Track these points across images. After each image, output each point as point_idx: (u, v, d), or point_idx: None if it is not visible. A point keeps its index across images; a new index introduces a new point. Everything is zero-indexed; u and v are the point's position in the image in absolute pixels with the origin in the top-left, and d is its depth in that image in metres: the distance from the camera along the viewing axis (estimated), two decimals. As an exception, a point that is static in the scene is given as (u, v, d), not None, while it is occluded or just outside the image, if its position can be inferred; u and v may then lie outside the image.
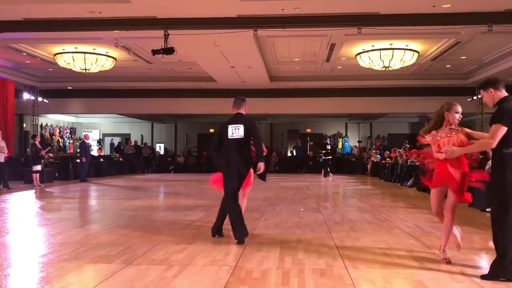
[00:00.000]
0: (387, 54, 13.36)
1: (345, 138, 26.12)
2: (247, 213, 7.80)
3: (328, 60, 14.91)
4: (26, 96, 18.15)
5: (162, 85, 18.72)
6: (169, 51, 10.65)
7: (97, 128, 26.51)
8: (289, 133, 27.37)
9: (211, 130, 27.39)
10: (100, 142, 26.31)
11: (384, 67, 13.91)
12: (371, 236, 5.78)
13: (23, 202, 9.98)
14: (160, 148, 26.39)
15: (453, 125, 4.31)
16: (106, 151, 25.64)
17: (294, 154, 25.40)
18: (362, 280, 3.78)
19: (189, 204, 9.28)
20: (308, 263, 4.35)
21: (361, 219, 7.23)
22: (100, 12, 9.95)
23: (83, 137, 16.81)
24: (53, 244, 5.29)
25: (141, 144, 25.29)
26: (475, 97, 17.54)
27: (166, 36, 10.61)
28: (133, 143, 24.11)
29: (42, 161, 12.96)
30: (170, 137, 27.71)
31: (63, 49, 13.87)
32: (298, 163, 23.33)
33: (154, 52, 10.80)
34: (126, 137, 26.25)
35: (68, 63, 14.37)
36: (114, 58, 14.67)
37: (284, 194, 11.51)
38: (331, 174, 17.29)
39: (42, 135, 20.42)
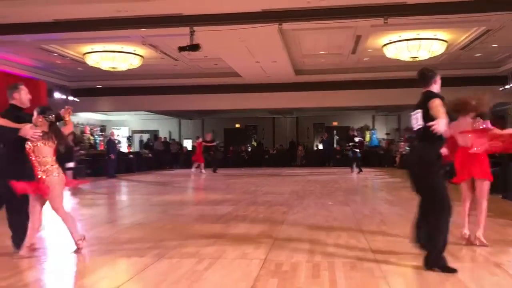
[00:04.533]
0: (414, 45, 13.11)
1: (373, 131, 25.80)
2: (275, 206, 7.86)
3: (354, 52, 14.74)
4: (57, 95, 18.62)
5: (188, 82, 18.90)
6: (195, 47, 10.75)
7: (126, 125, 26.99)
8: (315, 127, 27.24)
9: (237, 125, 27.58)
10: (129, 139, 26.80)
11: (412, 57, 13.66)
12: (402, 229, 5.71)
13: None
14: (188, 144, 26.70)
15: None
16: (136, 147, 26.09)
17: (321, 147, 25.27)
18: (393, 273, 3.76)
19: (217, 198, 9.38)
20: (338, 256, 4.35)
21: (391, 212, 7.16)
22: (127, 11, 10.12)
23: (110, 135, 17.17)
24: (86, 239, 5.44)
25: (169, 140, 25.63)
26: (507, 86, 17.02)
27: (191, 33, 10.71)
28: (161, 139, 24.47)
29: (75, 158, 13.30)
30: (197, 133, 27.98)
31: (92, 49, 14.17)
32: (324, 157, 23.20)
33: (180, 49, 10.92)
34: (154, 134, 26.65)
35: (97, 62, 14.69)
36: (142, 56, 14.89)
37: (311, 188, 11.49)
38: (356, 169, 17.07)
39: (73, 133, 20.91)
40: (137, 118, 26.88)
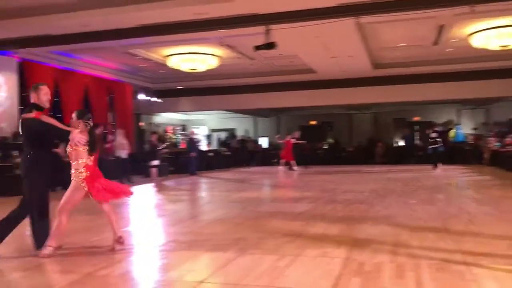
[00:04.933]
0: (506, 32, 12.16)
1: (458, 126, 24.35)
2: (354, 205, 7.71)
3: (436, 43, 13.99)
4: (141, 96, 19.69)
5: (264, 80, 19.08)
6: (270, 46, 10.81)
7: (205, 124, 27.90)
8: (395, 122, 26.26)
9: (312, 122, 27.36)
10: (208, 137, 27.67)
11: (502, 46, 12.69)
12: (493, 229, 5.36)
13: (143, 194, 10.87)
14: (264, 141, 27.00)
15: None
16: (215, 145, 26.87)
17: (402, 144, 24.31)
18: (485, 277, 3.54)
19: (295, 196, 9.40)
20: (424, 257, 4.18)
21: (480, 212, 6.73)
22: (205, 14, 10.42)
23: (190, 133, 17.83)
24: (171, 234, 5.72)
25: (246, 138, 26.09)
26: None
27: (267, 32, 10.79)
28: (238, 138, 24.99)
29: (159, 156, 13.98)
30: (273, 131, 28.21)
31: (173, 51, 14.80)
32: (406, 154, 22.30)
33: (256, 48, 11.04)
34: (231, 132, 27.27)
35: (178, 64, 15.32)
36: (219, 57, 15.29)
37: (392, 186, 11.11)
38: (438, 165, 16.22)
39: (155, 133, 22.02)
40: (215, 117, 27.64)
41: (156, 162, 13.59)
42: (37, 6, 10.11)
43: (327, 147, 24.88)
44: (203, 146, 24.36)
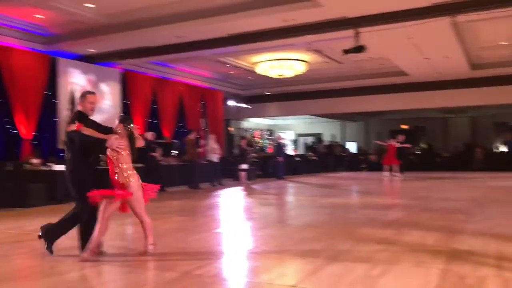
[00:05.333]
0: None
1: None
2: (452, 214, 7.29)
3: (544, 39, 12.80)
4: (231, 103, 20.32)
5: (352, 84, 18.76)
6: (360, 49, 10.63)
7: (291, 129, 28.03)
8: (496, 126, 24.34)
9: (404, 127, 26.28)
10: (295, 142, 27.76)
11: None
12: None
13: (232, 198, 11.20)
14: (352, 146, 26.48)
15: None
16: (301, 150, 26.89)
17: (503, 149, 22.47)
18: None
19: (386, 203, 9.11)
20: (534, 273, 3.84)
21: None
22: (293, 20, 10.52)
23: (277, 138, 18.04)
24: (260, 237, 5.82)
25: (333, 143, 25.78)
26: None
27: (356, 35, 10.62)
28: (325, 142, 24.78)
29: (248, 160, 14.33)
30: (361, 135, 27.56)
31: (261, 58, 15.11)
32: (509, 160, 20.56)
33: (345, 52, 10.91)
34: (318, 137, 27.11)
35: (266, 70, 15.61)
36: (307, 62, 15.32)
37: (494, 194, 10.33)
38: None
39: (245, 138, 22.58)
40: (302, 122, 27.67)
41: (245, 166, 13.96)
42: (137, 20, 10.90)
43: (419, 152, 23.76)
44: (290, 150, 24.49)
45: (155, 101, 16.00)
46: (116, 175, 4.53)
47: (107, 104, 14.26)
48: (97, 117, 5.03)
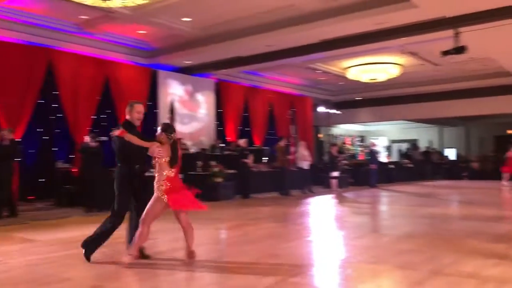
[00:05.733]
0: None
1: None
2: None
3: None
4: (321, 109, 20.16)
5: (450, 87, 17.68)
6: (460, 50, 10.00)
7: (384, 135, 27.09)
8: None
9: (510, 132, 24.15)
10: (388, 148, 26.78)
11: None
12: None
13: (323, 206, 11.06)
14: (450, 153, 24.90)
15: None
16: (395, 157, 25.88)
17: None
18: None
19: (491, 214, 8.41)
20: None
21: None
22: (387, 23, 10.19)
23: (370, 145, 17.51)
24: (354, 247, 5.66)
25: (430, 149, 24.43)
26: None
27: (456, 35, 10.01)
28: (421, 149, 23.57)
29: (339, 167, 14.08)
30: (461, 141, 25.82)
31: (352, 63, 14.84)
32: None
33: (444, 53, 10.33)
34: (413, 143, 25.87)
35: (357, 75, 15.30)
36: (400, 65, 14.75)
37: None
38: None
39: (335, 144, 22.27)
40: (396, 128, 26.62)
41: (336, 174, 13.73)
42: (229, 31, 11.29)
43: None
44: (383, 157, 23.68)
45: (246, 109, 16.40)
46: (155, 182, 4.57)
47: (202, 113, 14.90)
48: (192, 125, 5.28)
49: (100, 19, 10.46)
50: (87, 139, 10.03)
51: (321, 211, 9.96)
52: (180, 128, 13.18)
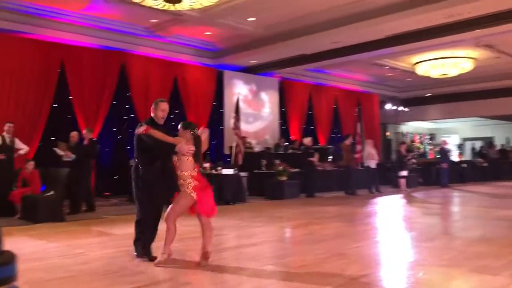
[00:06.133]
0: None
1: None
2: None
3: None
4: (388, 106, 19.60)
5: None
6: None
7: (456, 133, 25.81)
8: None
9: None
10: (460, 146, 25.49)
11: None
12: None
13: (391, 206, 10.74)
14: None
15: None
16: (468, 156, 24.58)
17: None
18: None
19: None
20: None
21: None
22: (460, 14, 9.72)
23: (441, 143, 16.75)
24: (425, 249, 5.45)
25: (507, 147, 22.93)
26: None
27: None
28: (497, 147, 22.18)
29: (408, 166, 13.62)
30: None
31: (421, 58, 14.29)
32: None
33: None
34: (488, 141, 24.40)
35: (426, 71, 14.71)
36: (474, 59, 13.99)
37: None
38: None
39: (404, 142, 21.54)
40: (468, 125, 25.25)
41: (404, 173, 13.29)
42: (293, 29, 11.27)
43: None
44: (455, 156, 22.60)
45: (310, 107, 16.31)
46: (180, 180, 4.48)
47: (266, 112, 15.01)
48: (256, 124, 5.29)
49: (169, 22, 10.87)
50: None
51: (389, 212, 9.69)
52: (245, 127, 13.38)
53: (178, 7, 7.85)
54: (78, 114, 10.82)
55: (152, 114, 4.79)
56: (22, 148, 8.62)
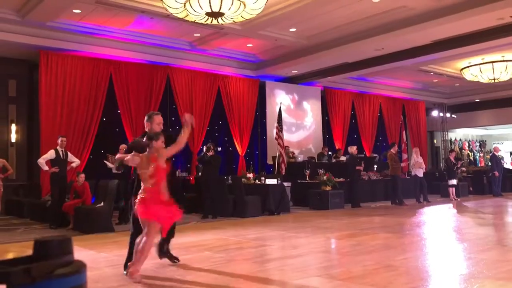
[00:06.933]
0: None
1: None
2: None
3: None
4: (435, 113, 19.04)
5: None
6: None
7: (509, 139, 24.70)
8: None
9: None
10: (513, 154, 24.35)
11: None
12: None
13: (441, 216, 10.38)
14: None
15: None
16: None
17: None
18: None
19: None
20: None
21: None
22: (510, 17, 9.36)
23: (493, 150, 16.05)
24: (479, 261, 5.21)
25: None
26: None
27: None
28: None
29: (457, 175, 13.18)
30: None
31: (469, 63, 13.83)
32: None
33: None
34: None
35: (475, 76, 14.20)
36: (526, 62, 13.40)
37: None
38: None
39: (453, 150, 20.84)
40: (522, 131, 24.12)
41: (454, 182, 12.85)
42: (335, 38, 11.22)
43: None
44: (508, 164, 21.60)
45: (354, 116, 16.10)
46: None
47: (309, 121, 14.96)
48: (299, 134, 5.26)
49: (212, 35, 11.09)
50: (204, 149, 10.59)
51: (439, 222, 9.36)
52: (287, 136, 13.38)
53: (220, 21, 8.00)
54: (126, 127, 11.19)
55: (147, 129, 4.68)
56: (74, 161, 8.97)
